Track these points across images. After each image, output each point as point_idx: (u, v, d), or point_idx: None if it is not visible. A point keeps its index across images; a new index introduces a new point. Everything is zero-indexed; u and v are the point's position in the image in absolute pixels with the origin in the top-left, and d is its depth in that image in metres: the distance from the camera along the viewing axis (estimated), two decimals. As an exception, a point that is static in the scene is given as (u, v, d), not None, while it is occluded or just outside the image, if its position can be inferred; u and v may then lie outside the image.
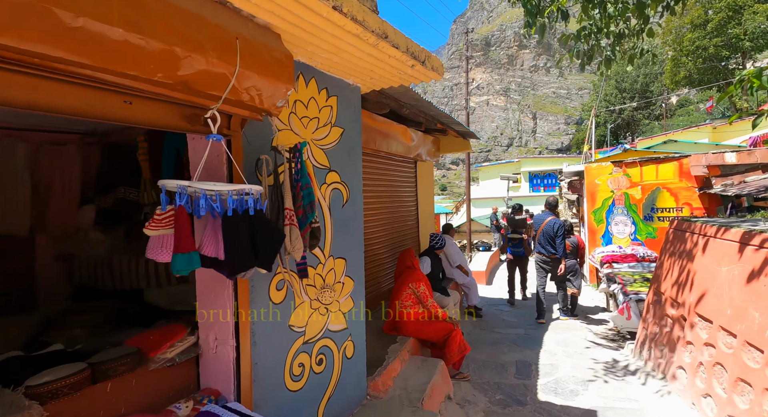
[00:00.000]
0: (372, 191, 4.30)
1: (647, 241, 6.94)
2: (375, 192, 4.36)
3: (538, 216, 5.70)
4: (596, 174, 7.37)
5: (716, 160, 6.28)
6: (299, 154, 1.77)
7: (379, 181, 4.48)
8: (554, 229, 5.22)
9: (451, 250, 5.69)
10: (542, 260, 5.43)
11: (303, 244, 1.74)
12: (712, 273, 2.51)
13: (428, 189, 6.23)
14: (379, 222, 4.46)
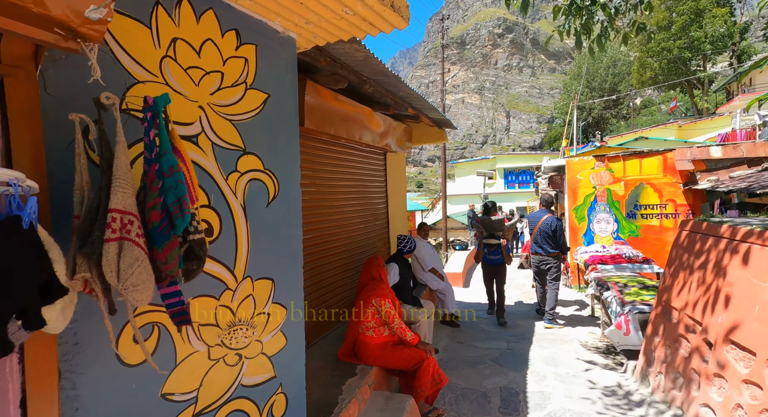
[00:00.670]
0: (329, 186, 3.57)
1: (630, 240, 6.59)
2: (333, 187, 3.63)
3: (534, 214, 5.42)
4: (578, 169, 6.95)
5: (701, 154, 5.97)
6: (154, 115, 1.02)
7: (339, 175, 3.76)
8: (552, 226, 5.03)
9: (424, 253, 5.06)
10: (540, 260, 5.15)
11: (164, 271, 1.00)
12: (752, 290, 1.95)
13: (400, 184, 5.56)
14: (338, 223, 3.74)
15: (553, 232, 5.00)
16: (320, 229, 3.41)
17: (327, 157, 3.53)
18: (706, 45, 31.91)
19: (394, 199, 5.23)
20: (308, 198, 3.24)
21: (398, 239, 3.84)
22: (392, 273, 3.59)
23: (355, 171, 4.07)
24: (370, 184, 4.49)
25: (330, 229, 3.57)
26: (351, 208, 3.98)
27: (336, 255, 3.65)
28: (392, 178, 5.17)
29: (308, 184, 3.24)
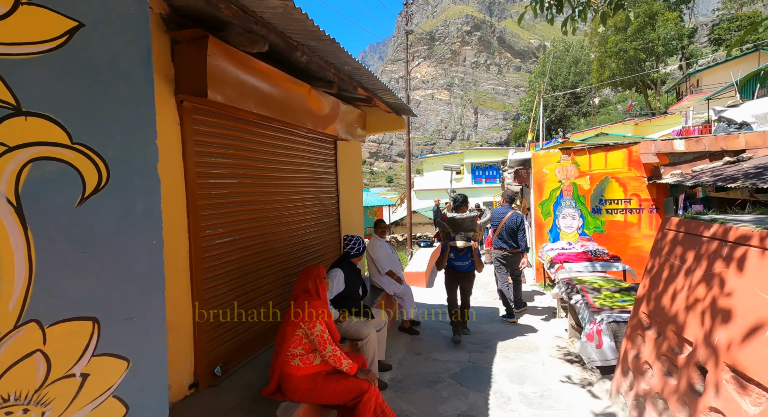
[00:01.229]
0: (260, 178, 2.93)
1: (595, 236, 6.41)
2: (266, 179, 2.99)
3: (498, 210, 5.32)
4: (544, 162, 6.68)
5: (665, 147, 5.83)
6: None
7: (273, 164, 3.12)
8: (517, 222, 5.10)
9: (381, 254, 4.53)
10: (503, 256, 5.21)
11: None
12: (760, 306, 1.55)
13: (354, 177, 4.98)
14: (273, 222, 3.11)
15: (518, 228, 5.09)
16: (247, 229, 2.78)
17: (255, 142, 2.88)
18: (659, 47, 33.59)
19: (347, 194, 4.64)
20: (227, 192, 2.59)
21: (345, 240, 3.26)
22: (335, 281, 3.02)
23: (295, 160, 3.45)
24: (317, 177, 3.88)
25: (261, 228, 2.94)
26: (290, 203, 3.36)
27: (269, 260, 3.03)
28: (345, 169, 4.58)
29: (227, 174, 2.59)
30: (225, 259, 2.55)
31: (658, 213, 6.08)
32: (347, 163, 4.69)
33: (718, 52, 41.94)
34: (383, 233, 4.74)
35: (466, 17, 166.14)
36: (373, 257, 4.55)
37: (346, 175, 4.62)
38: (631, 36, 33.95)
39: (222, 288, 2.51)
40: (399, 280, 4.61)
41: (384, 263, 4.54)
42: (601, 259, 5.12)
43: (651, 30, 33.60)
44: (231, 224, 2.61)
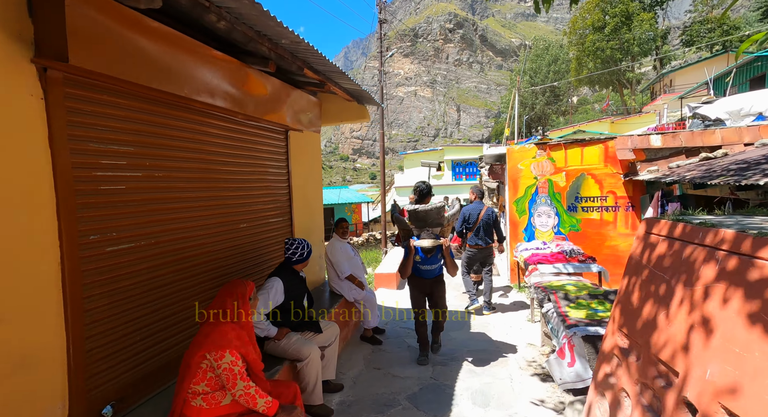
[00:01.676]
0: (180, 170, 2.44)
1: (571, 235, 6.17)
2: (189, 173, 2.51)
3: (472, 206, 5.23)
4: (519, 158, 6.38)
5: (642, 142, 5.62)
6: None
7: (199, 154, 2.64)
8: (493, 217, 5.13)
9: (340, 257, 4.10)
10: (474, 253, 5.21)
11: None
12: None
13: (312, 172, 4.52)
14: (199, 223, 2.63)
15: (494, 222, 5.13)
16: (157, 234, 2.29)
17: (171, 128, 2.39)
18: (635, 47, 34.33)
19: (302, 190, 4.18)
20: (126, 187, 2.10)
21: (286, 244, 2.81)
22: (272, 292, 2.57)
23: (229, 151, 2.96)
24: (261, 171, 3.40)
25: (180, 232, 2.46)
26: (223, 201, 2.88)
27: (190, 270, 2.55)
28: (300, 163, 4.11)
29: (126, 166, 2.10)
30: (122, 271, 2.06)
31: (634, 211, 5.88)
32: (303, 156, 4.22)
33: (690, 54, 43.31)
34: (344, 234, 4.31)
35: (449, 15, 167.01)
36: (332, 260, 4.12)
37: (301, 169, 4.16)
38: (608, 35, 34.56)
39: (116, 307, 2.02)
40: (360, 285, 4.20)
41: (344, 267, 4.11)
42: (576, 260, 4.85)
43: (627, 30, 34.29)
44: (132, 227, 2.12)
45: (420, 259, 3.57)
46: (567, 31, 39.70)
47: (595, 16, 35.80)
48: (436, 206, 3.53)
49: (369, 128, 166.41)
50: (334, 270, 4.13)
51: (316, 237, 4.61)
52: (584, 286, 3.36)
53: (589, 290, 3.12)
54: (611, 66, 34.96)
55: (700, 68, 27.44)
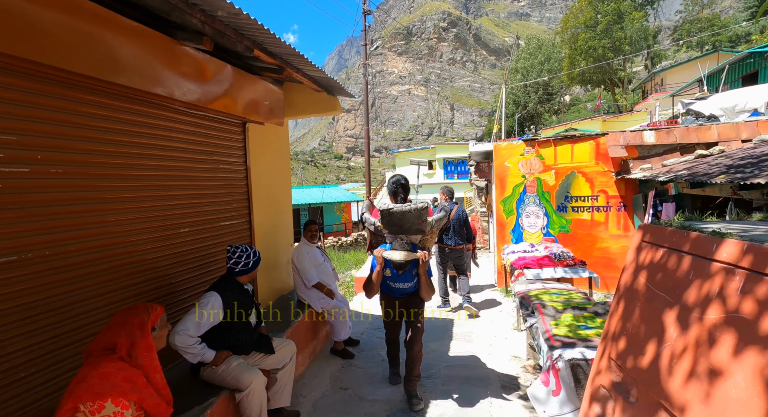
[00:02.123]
0: (106, 167, 2.03)
1: (560, 236, 5.85)
2: (94, 167, 2.10)
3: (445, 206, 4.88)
4: (506, 155, 6.04)
5: (635, 139, 5.31)
6: None
7: (112, 147, 2.23)
8: (463, 217, 5.09)
9: (306, 263, 3.71)
10: (447, 252, 5.13)
11: None
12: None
13: (279, 169, 4.12)
14: (130, 228, 2.23)
15: (465, 222, 5.12)
16: (57, 243, 1.89)
17: (80, 115, 1.98)
18: (626, 46, 34.37)
19: (265, 189, 3.78)
20: (3, 186, 1.70)
21: (227, 253, 2.41)
22: (206, 311, 2.18)
23: (165, 144, 2.56)
24: (210, 167, 3.00)
25: (93, 240, 2.06)
26: (156, 204, 2.48)
27: (107, 285, 2.15)
28: (262, 159, 3.71)
29: (6, 159, 1.69)
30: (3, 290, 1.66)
31: (627, 211, 5.58)
32: (266, 151, 3.82)
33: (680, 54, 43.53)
34: (313, 237, 3.92)
35: (443, 13, 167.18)
36: (298, 267, 3.73)
37: (264, 166, 3.76)
38: (599, 34, 34.55)
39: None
40: (330, 293, 3.82)
41: (310, 274, 3.73)
42: (565, 263, 4.53)
43: (619, 28, 34.29)
44: (15, 235, 1.72)
45: (390, 274, 2.83)
46: (559, 30, 39.65)
47: (587, 14, 35.75)
48: (416, 208, 2.68)
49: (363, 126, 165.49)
50: (301, 277, 3.75)
51: (284, 240, 4.22)
52: (572, 296, 3.02)
53: (578, 302, 2.78)
54: (603, 65, 34.94)
55: (691, 67, 27.50)
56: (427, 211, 2.79)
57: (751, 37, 32.64)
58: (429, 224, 2.84)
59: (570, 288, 3.49)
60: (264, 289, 3.77)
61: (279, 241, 4.08)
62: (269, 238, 3.84)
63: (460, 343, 4.16)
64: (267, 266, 3.79)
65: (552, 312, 2.67)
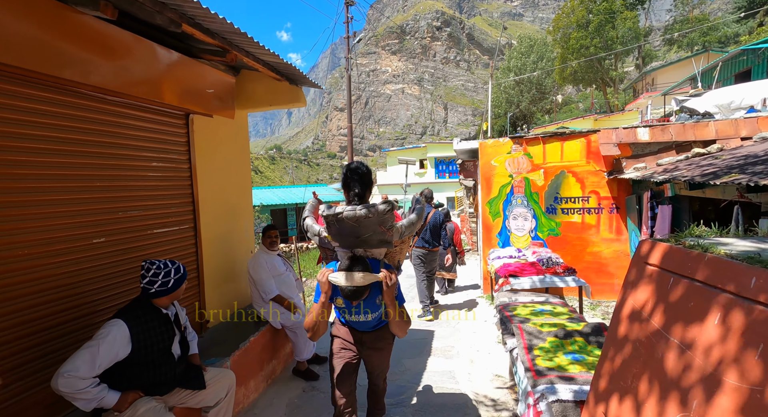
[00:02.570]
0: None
1: (549, 240, 5.50)
2: None
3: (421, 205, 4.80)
4: (492, 153, 5.67)
5: (628, 136, 4.97)
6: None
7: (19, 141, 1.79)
8: (439, 221, 5.06)
9: (264, 274, 3.30)
10: (422, 254, 5.09)
11: None
12: None
13: (234, 168, 3.68)
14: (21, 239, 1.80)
15: (440, 226, 5.06)
16: None
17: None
18: (617, 45, 34.42)
19: (217, 193, 3.35)
20: None
21: (142, 269, 1.99)
22: (103, 346, 1.74)
23: (74, 137, 2.12)
24: (140, 166, 2.56)
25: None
26: (64, 209, 2.05)
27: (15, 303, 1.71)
28: (210, 156, 3.28)
29: None
30: None
31: (619, 213, 5.24)
32: (218, 147, 3.39)
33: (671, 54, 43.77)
34: (273, 244, 3.51)
35: (437, 12, 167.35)
36: (255, 278, 3.31)
37: (215, 164, 3.33)
38: (591, 33, 34.56)
39: None
40: (291, 307, 3.41)
41: (268, 286, 3.31)
42: (554, 271, 4.16)
43: (611, 28, 34.32)
44: None
45: (344, 304, 1.97)
46: (551, 29, 39.59)
47: (579, 13, 35.73)
48: (377, 210, 1.82)
49: (357, 125, 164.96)
50: (258, 290, 3.33)
51: (242, 247, 3.78)
52: (560, 314, 2.64)
53: (566, 323, 2.40)
54: (594, 64, 34.97)
55: (682, 67, 27.52)
56: (393, 215, 1.92)
57: (740, 38, 32.96)
58: (398, 231, 2.00)
59: (557, 301, 3.11)
60: (216, 305, 3.34)
61: (235, 249, 3.65)
62: (222, 247, 3.41)
63: (438, 360, 3.78)
64: (219, 279, 3.36)
65: (535, 334, 2.29)
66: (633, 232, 4.97)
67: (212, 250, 3.25)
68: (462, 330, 4.59)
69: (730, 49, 27.69)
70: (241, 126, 3.73)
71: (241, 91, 3.58)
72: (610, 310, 4.99)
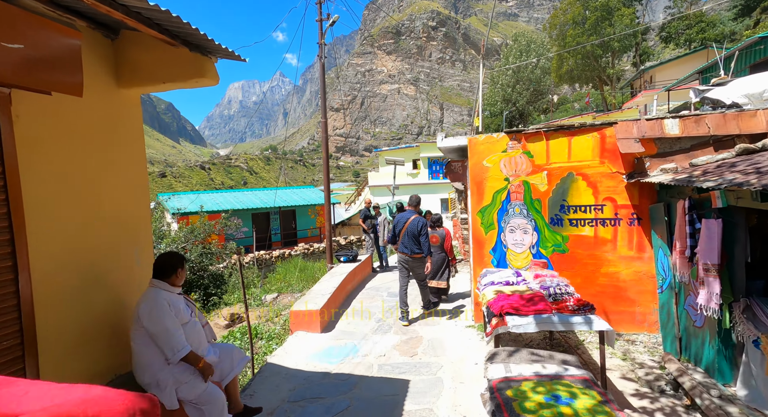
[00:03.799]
0: None
1: (555, 258, 4.48)
2: None
3: (402, 215, 5.08)
4: (485, 152, 4.64)
5: (653, 129, 3.95)
6: None
7: None
8: (418, 227, 4.92)
9: (167, 323, 2.26)
10: (404, 260, 5.03)
11: None
12: None
13: (111, 171, 2.59)
14: None
15: (419, 232, 4.90)
16: None
17: None
18: (615, 42, 33.77)
19: (62, 204, 2.27)
20: None
21: None
22: None
23: None
24: None
25: None
26: None
27: None
28: (51, 147, 2.19)
29: None
30: None
31: (641, 226, 4.23)
32: (78, 140, 2.32)
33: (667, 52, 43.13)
34: (177, 280, 2.46)
35: (432, 12, 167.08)
36: (154, 331, 2.25)
37: (64, 162, 2.25)
38: (588, 30, 33.86)
39: None
40: (206, 369, 2.35)
41: (177, 339, 2.26)
42: (564, 305, 3.14)
43: (608, 25, 33.64)
44: None
45: None
46: (547, 26, 38.82)
47: (575, 10, 34.99)
48: None
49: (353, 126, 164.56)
50: (159, 346, 2.27)
51: (129, 285, 2.67)
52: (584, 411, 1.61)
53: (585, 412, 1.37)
54: (591, 62, 34.22)
55: (680, 64, 26.74)
56: None
57: (735, 36, 32.42)
58: None
59: (578, 375, 2.07)
60: (60, 377, 2.25)
61: (116, 288, 2.56)
62: (83, 287, 2.32)
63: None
64: (69, 336, 2.25)
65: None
66: (660, 250, 3.95)
67: (59, 293, 2.17)
68: (445, 379, 3.55)
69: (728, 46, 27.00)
70: (124, 111, 2.65)
71: (123, 61, 2.52)
72: (632, 348, 3.97)
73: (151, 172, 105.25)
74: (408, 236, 4.89)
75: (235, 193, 18.06)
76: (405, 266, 5.01)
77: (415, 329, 4.91)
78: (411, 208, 5.09)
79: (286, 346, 4.48)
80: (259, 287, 8.78)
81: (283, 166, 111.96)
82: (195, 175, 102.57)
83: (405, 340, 4.57)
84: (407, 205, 5.17)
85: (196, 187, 76.04)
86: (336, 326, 5.13)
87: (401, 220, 4.97)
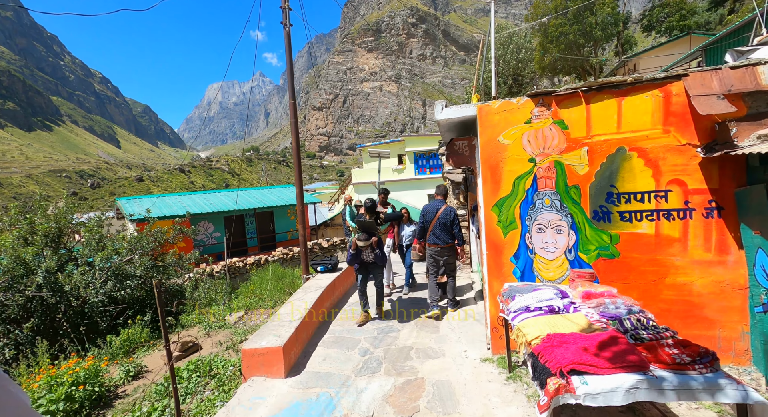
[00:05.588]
0: None
1: (599, 266, 3.27)
2: None
3: (431, 204, 4.93)
4: (500, 123, 3.40)
5: (742, 81, 2.79)
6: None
7: None
8: (450, 217, 4.79)
9: None
10: (436, 252, 4.85)
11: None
12: None
13: None
14: None
15: (451, 222, 4.80)
16: None
17: None
18: (597, 31, 33.46)
19: None
20: None
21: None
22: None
23: None
24: None
25: None
26: None
27: None
28: None
29: None
30: None
31: (723, 218, 3.06)
32: None
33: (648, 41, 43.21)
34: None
35: (411, 9, 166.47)
36: None
37: None
38: (570, 20, 33.48)
39: None
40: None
41: None
42: (663, 355, 1.91)
43: (590, 14, 33.34)
44: None
45: None
46: (529, 17, 38.17)
47: (557, 0, 34.55)
48: None
49: (335, 125, 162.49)
50: None
51: None
52: None
53: None
54: (574, 51, 33.75)
55: (663, 51, 26.34)
56: None
57: (710, 26, 32.59)
58: None
59: None
60: None
61: None
62: None
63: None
64: None
65: None
66: (761, 251, 2.79)
67: None
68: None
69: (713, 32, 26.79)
70: None
71: None
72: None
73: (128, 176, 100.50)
74: (440, 226, 4.81)
75: (206, 195, 16.42)
76: (436, 258, 4.87)
77: (413, 366, 3.65)
78: (440, 198, 4.99)
79: (231, 405, 3.13)
80: (221, 305, 7.36)
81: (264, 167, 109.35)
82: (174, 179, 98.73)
83: (400, 386, 3.29)
84: (435, 194, 5.04)
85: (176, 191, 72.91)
86: (307, 365, 3.81)
87: (431, 210, 4.87)
